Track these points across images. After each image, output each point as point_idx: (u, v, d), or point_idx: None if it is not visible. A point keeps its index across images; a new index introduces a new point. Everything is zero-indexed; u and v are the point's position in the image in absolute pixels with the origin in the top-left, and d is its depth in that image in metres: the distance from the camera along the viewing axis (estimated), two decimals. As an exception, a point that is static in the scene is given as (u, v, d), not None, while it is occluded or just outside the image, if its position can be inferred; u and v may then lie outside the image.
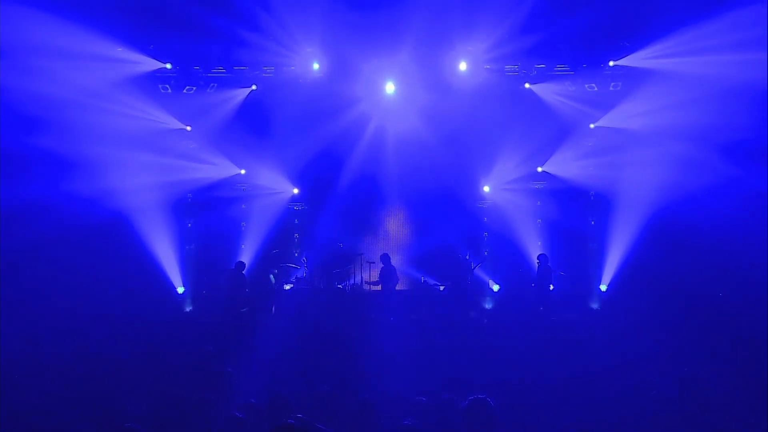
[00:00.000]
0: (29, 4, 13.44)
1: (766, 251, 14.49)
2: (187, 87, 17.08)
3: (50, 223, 14.57)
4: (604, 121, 16.98)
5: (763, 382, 8.76)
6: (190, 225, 17.90)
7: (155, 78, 16.59)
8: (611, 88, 16.97)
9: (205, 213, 17.85)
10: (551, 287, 16.01)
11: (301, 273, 16.75)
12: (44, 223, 14.50)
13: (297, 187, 18.19)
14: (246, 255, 17.01)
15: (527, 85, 17.10)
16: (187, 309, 17.05)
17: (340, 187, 17.71)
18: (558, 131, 17.37)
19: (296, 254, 18.00)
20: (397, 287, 16.45)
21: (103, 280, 15.52)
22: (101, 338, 12.60)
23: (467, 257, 17.29)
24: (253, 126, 17.37)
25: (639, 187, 16.23)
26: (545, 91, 17.07)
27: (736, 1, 13.61)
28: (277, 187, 18.04)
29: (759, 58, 13.58)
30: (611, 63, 16.46)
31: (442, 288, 17.04)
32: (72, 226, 14.98)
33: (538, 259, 16.18)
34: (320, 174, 17.98)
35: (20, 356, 10.49)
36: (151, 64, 16.14)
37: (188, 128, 17.08)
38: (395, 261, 16.53)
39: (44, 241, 14.96)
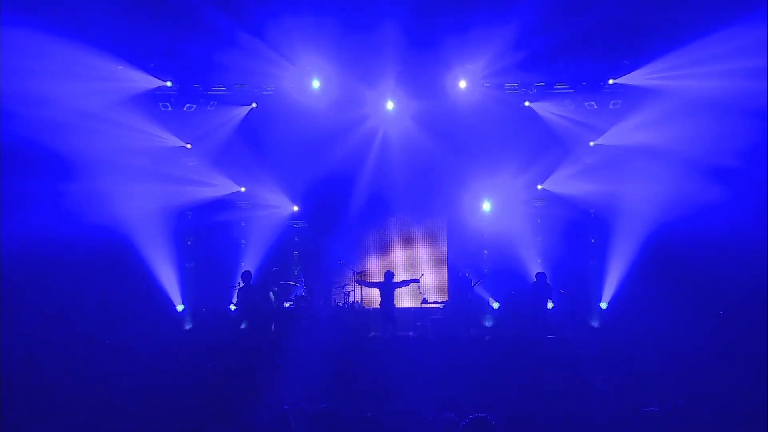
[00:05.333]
0: (30, 24, 13.50)
1: (766, 270, 14.51)
2: (188, 105, 17.09)
3: (48, 241, 14.54)
4: (604, 139, 17.01)
5: (764, 398, 8.74)
6: (189, 243, 17.87)
7: (155, 96, 16.60)
8: (611, 107, 17.01)
9: (204, 231, 17.83)
10: (551, 305, 15.95)
11: (301, 290, 16.71)
12: (42, 241, 14.46)
13: (297, 204, 18.17)
14: (246, 273, 16.94)
15: (527, 103, 17.14)
16: (187, 327, 16.98)
17: (339, 205, 17.73)
18: (558, 149, 17.40)
19: (296, 272, 17.97)
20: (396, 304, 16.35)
21: (103, 297, 15.47)
22: (99, 355, 12.59)
23: (467, 274, 17.27)
24: (253, 144, 17.39)
25: (639, 205, 16.26)
26: (545, 109, 17.11)
27: (736, 21, 13.68)
28: (276, 204, 18.03)
29: (758, 75, 13.67)
30: (611, 81, 16.48)
31: (441, 305, 17.01)
32: (71, 244, 14.96)
33: (536, 277, 16.14)
34: (319, 192, 17.98)
35: (18, 373, 10.47)
36: (151, 82, 16.16)
37: (188, 146, 17.08)
38: (397, 278, 16.44)
39: (42, 259, 14.94)
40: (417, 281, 16.44)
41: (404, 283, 16.41)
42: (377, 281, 16.42)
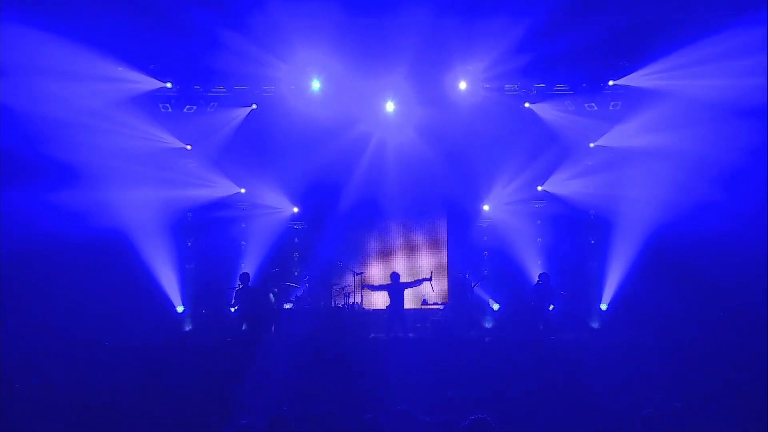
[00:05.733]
0: (30, 25, 13.51)
1: (766, 271, 14.51)
2: (188, 106, 17.09)
3: (48, 243, 14.53)
4: (604, 141, 17.00)
5: (762, 402, 8.73)
6: (189, 244, 17.85)
7: (156, 97, 16.60)
8: (611, 108, 17.01)
9: (205, 232, 17.81)
10: (551, 307, 15.92)
11: (301, 292, 16.69)
12: (41, 243, 14.46)
13: (297, 206, 18.14)
14: (246, 274, 16.95)
15: (527, 105, 17.13)
16: (187, 328, 16.98)
17: (339, 206, 17.69)
18: (558, 151, 17.39)
19: (296, 273, 17.94)
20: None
21: (103, 298, 15.44)
22: (100, 356, 12.59)
23: (467, 276, 17.25)
24: (253, 145, 17.37)
25: (639, 207, 16.23)
26: (545, 110, 17.10)
27: (737, 23, 13.69)
28: (276, 206, 18.02)
29: (758, 75, 13.68)
30: (611, 83, 16.50)
31: (442, 306, 16.99)
32: (71, 245, 14.95)
33: (539, 278, 16.12)
34: (320, 193, 17.91)
35: (18, 373, 10.46)
36: (151, 84, 16.16)
37: (188, 147, 17.07)
38: (404, 279, 16.40)
39: (43, 262, 14.94)
40: (429, 280, 16.50)
41: (416, 283, 16.42)
42: (383, 284, 16.43)
